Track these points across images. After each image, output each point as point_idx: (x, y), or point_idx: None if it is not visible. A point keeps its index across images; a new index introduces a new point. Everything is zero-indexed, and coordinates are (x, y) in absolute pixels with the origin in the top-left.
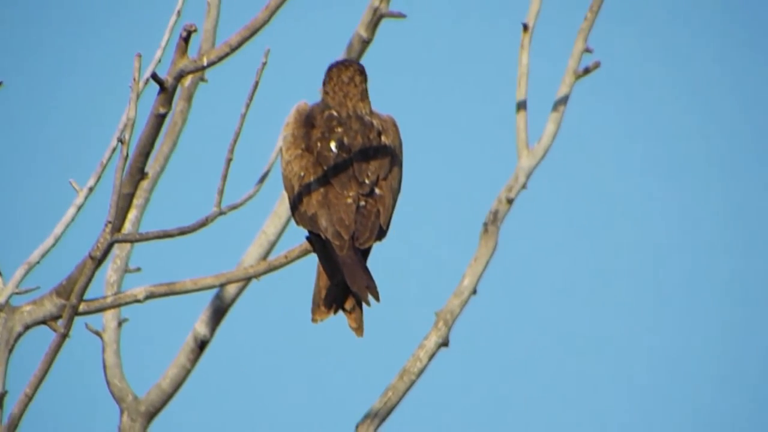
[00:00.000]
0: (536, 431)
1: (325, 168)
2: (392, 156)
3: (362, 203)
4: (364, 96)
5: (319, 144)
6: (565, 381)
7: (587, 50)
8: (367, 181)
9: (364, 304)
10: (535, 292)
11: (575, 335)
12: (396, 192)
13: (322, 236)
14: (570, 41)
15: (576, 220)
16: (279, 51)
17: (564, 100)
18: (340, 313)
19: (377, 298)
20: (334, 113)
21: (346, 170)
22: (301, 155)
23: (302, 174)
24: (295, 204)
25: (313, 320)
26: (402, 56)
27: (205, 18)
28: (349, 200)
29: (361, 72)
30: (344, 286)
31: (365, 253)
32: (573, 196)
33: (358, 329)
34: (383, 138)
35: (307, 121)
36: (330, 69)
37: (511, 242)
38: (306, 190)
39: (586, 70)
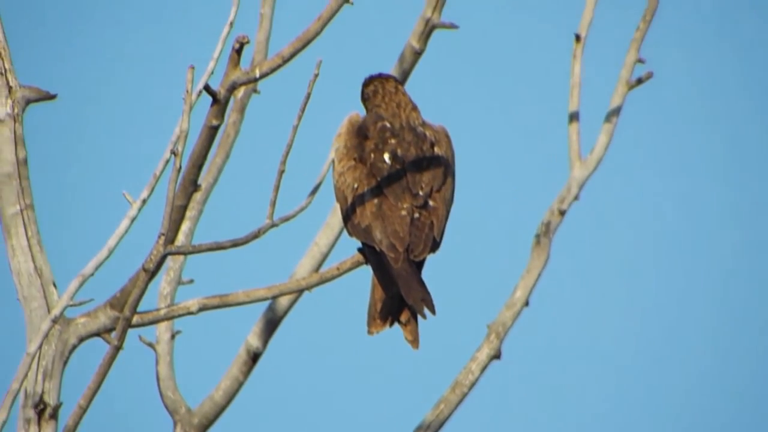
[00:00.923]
0: None
1: (379, 179)
2: (445, 167)
3: (416, 215)
4: (414, 106)
5: (372, 155)
6: (620, 393)
7: (640, 60)
8: (420, 193)
9: (419, 317)
10: (588, 304)
11: (629, 347)
12: (449, 204)
13: (377, 248)
14: (622, 51)
15: (628, 231)
16: (331, 62)
17: (617, 111)
18: (396, 325)
19: (433, 311)
20: (387, 124)
21: (400, 182)
22: (354, 166)
23: (356, 185)
24: (348, 215)
25: (369, 332)
26: (454, 67)
27: (258, 29)
28: (404, 212)
29: (401, 83)
30: (400, 299)
31: (419, 265)
32: (625, 207)
33: (414, 342)
34: (436, 149)
35: (360, 132)
36: (369, 83)
37: (563, 254)
38: (360, 201)
39: (639, 81)
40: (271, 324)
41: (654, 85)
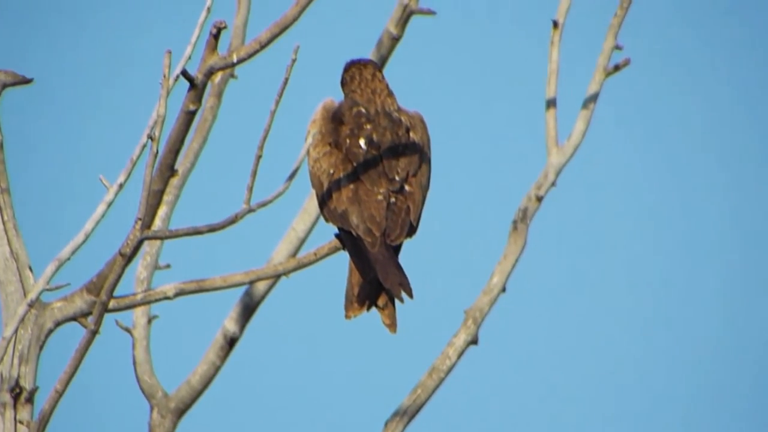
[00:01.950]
0: (565, 430)
1: (355, 164)
2: (421, 153)
3: (392, 200)
4: (390, 92)
5: (348, 140)
6: (594, 379)
7: (617, 47)
8: (397, 178)
9: (396, 301)
10: (564, 290)
11: (604, 334)
12: (425, 189)
13: (353, 233)
14: (600, 38)
15: (605, 217)
16: (308, 48)
17: (594, 98)
18: (373, 309)
19: (410, 295)
20: (363, 110)
21: (376, 167)
22: (329, 152)
23: (331, 171)
24: (324, 201)
25: (347, 317)
26: (431, 53)
27: (235, 15)
28: (380, 197)
29: (380, 69)
30: (377, 283)
31: (396, 249)
32: (602, 193)
33: (392, 326)
34: (412, 135)
35: (335, 117)
36: (348, 68)
37: (540, 240)
38: (336, 186)
39: (616, 68)
40: (248, 309)
41: (631, 71)
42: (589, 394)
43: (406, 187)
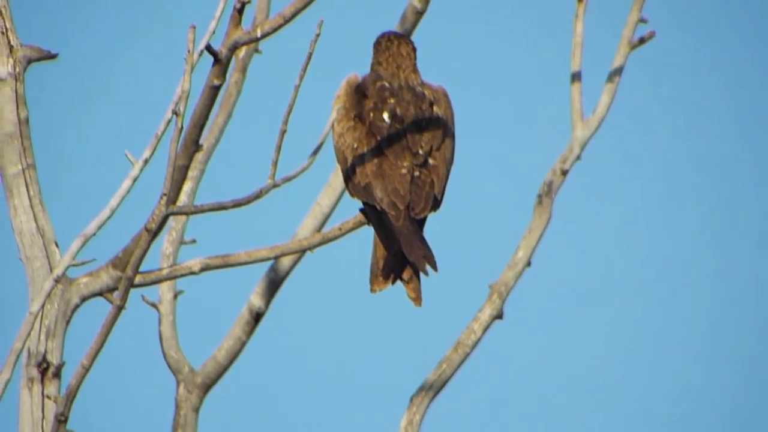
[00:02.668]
0: (590, 405)
1: (379, 138)
2: (445, 127)
3: (416, 173)
4: (415, 68)
5: (371, 114)
6: (621, 354)
7: (642, 20)
8: (420, 152)
9: (421, 274)
10: (590, 264)
11: (630, 307)
12: (449, 162)
13: (377, 207)
14: (625, 11)
15: (630, 191)
16: (332, 22)
17: (619, 71)
18: (398, 283)
19: (435, 268)
20: (386, 84)
21: (400, 141)
22: (353, 127)
23: (355, 145)
24: (349, 175)
25: (372, 290)
26: (455, 27)
27: None
28: (404, 170)
29: (412, 45)
30: (401, 257)
31: (420, 223)
32: (627, 167)
33: (417, 299)
34: (435, 109)
35: (359, 91)
36: (380, 41)
37: (565, 214)
38: (359, 161)
39: (641, 41)
40: (274, 284)
41: (656, 44)
42: (614, 368)
43: (430, 161)
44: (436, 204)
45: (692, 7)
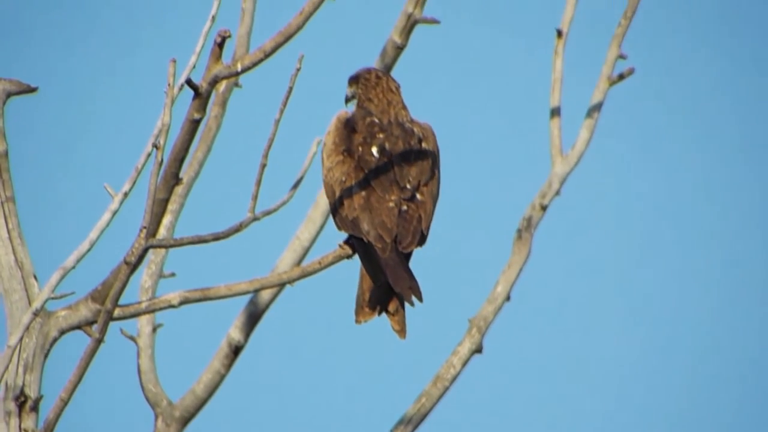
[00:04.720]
0: None
1: (367, 172)
2: (432, 162)
3: (404, 208)
4: (404, 105)
5: (360, 148)
6: (598, 389)
7: (621, 56)
8: (408, 186)
9: (407, 306)
10: (569, 298)
11: (608, 343)
12: (436, 199)
13: (364, 239)
14: (604, 48)
15: (609, 226)
16: (313, 57)
17: (598, 107)
18: (382, 316)
19: (420, 299)
20: (376, 120)
21: (388, 175)
22: (342, 161)
23: (344, 179)
24: (336, 208)
25: (357, 321)
26: (436, 62)
27: (240, 24)
28: (391, 204)
29: (396, 82)
30: (387, 288)
31: (407, 257)
32: (606, 202)
33: (401, 331)
34: (424, 145)
35: (348, 126)
36: (368, 77)
37: (544, 249)
38: (347, 194)
39: (620, 77)
40: (253, 317)
41: (635, 81)
42: (593, 403)
43: (418, 196)
44: (422, 239)
45: (671, 43)
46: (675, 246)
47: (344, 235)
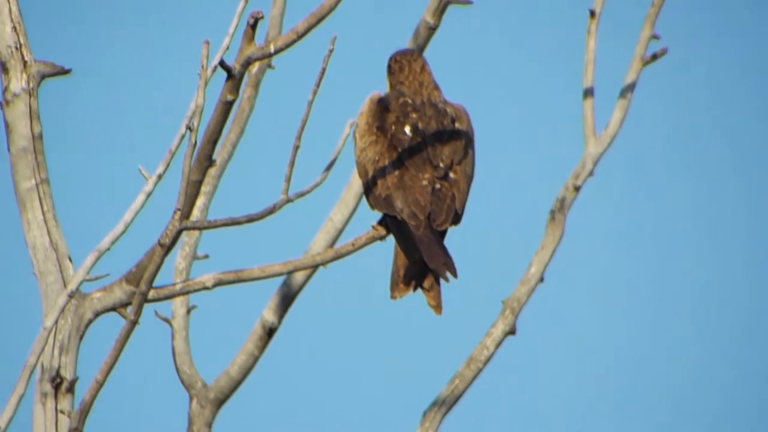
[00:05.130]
0: (602, 419)
1: (400, 151)
2: (466, 142)
3: (437, 186)
4: (436, 85)
5: (393, 127)
6: (633, 369)
7: (654, 36)
8: (441, 165)
9: (442, 282)
10: (602, 280)
11: (642, 323)
12: (470, 178)
13: (398, 217)
14: (637, 27)
15: (643, 207)
16: (345, 38)
17: (631, 87)
18: (418, 291)
19: (455, 275)
20: (409, 100)
21: (421, 153)
22: (375, 140)
23: (376, 158)
24: (370, 187)
25: (392, 297)
26: (468, 43)
27: (272, 5)
28: (425, 182)
29: (424, 59)
30: (422, 265)
31: (441, 236)
32: (640, 183)
33: (437, 307)
34: (457, 124)
35: (381, 105)
36: (398, 59)
37: (578, 229)
38: (380, 173)
39: (654, 57)
40: (286, 299)
41: (669, 60)
42: (626, 384)
43: (451, 175)
44: (456, 218)
45: (705, 23)
46: (710, 226)
47: (377, 215)
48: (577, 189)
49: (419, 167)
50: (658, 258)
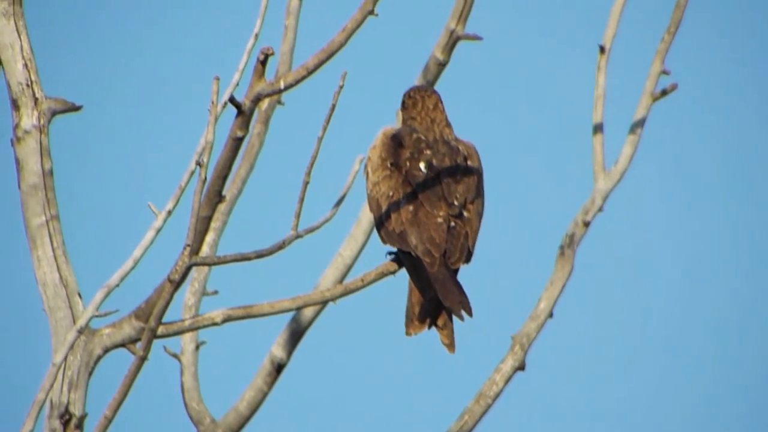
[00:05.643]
0: None
1: (414, 187)
2: (478, 180)
3: (452, 224)
4: (448, 123)
5: (408, 163)
6: (643, 406)
7: (664, 72)
8: (456, 203)
9: (456, 320)
10: (612, 315)
11: (654, 359)
12: (481, 217)
13: (412, 254)
14: (647, 63)
15: (652, 243)
16: (355, 74)
17: (641, 123)
18: (432, 328)
19: (470, 314)
20: (422, 136)
21: (435, 190)
22: (389, 176)
23: (390, 193)
24: (383, 222)
25: (407, 334)
26: (478, 79)
27: (282, 41)
28: (440, 219)
29: (441, 99)
30: (436, 302)
31: (454, 273)
32: (649, 219)
33: (450, 345)
34: (469, 163)
35: (395, 140)
36: (412, 95)
37: (587, 265)
38: (395, 207)
39: (664, 92)
40: (296, 335)
41: (679, 96)
42: (637, 421)
43: (465, 213)
44: (468, 256)
45: (715, 59)
46: (721, 261)
47: (388, 249)
48: (586, 225)
49: (434, 204)
50: (668, 293)
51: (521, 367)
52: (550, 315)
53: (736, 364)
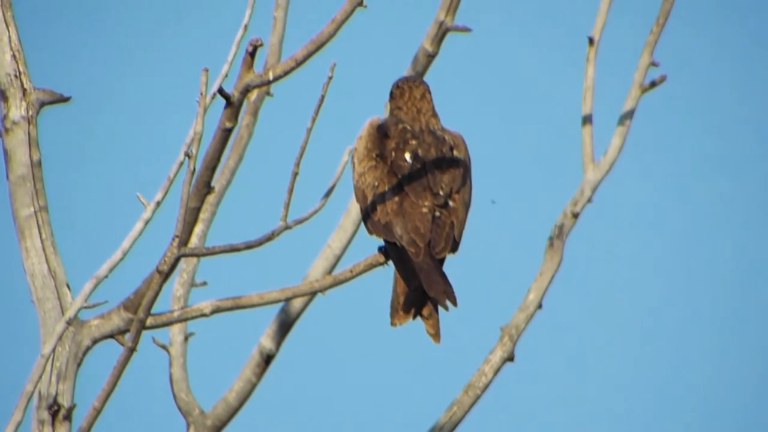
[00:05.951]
0: None
1: (400, 177)
2: (464, 170)
3: (437, 214)
4: (435, 113)
5: (393, 153)
6: (631, 396)
7: (653, 64)
8: (441, 193)
9: (441, 310)
10: (600, 306)
11: (641, 349)
12: (468, 206)
13: (397, 244)
14: (636, 55)
15: (641, 233)
16: (344, 65)
17: (630, 114)
18: (417, 319)
19: (455, 303)
20: (408, 127)
21: (421, 180)
22: (375, 166)
23: (376, 184)
24: (368, 213)
25: (392, 324)
26: (467, 70)
27: (271, 32)
28: (425, 209)
29: (426, 86)
30: (421, 292)
31: (440, 263)
32: (638, 210)
33: (436, 335)
34: (455, 152)
35: (381, 131)
36: (399, 85)
37: (576, 256)
38: (380, 199)
39: (652, 84)
40: (284, 326)
41: (667, 87)
42: (626, 410)
43: (450, 203)
44: (455, 246)
45: (703, 50)
46: (709, 252)
47: (378, 242)
48: (575, 216)
49: (419, 194)
50: (656, 284)
51: (510, 358)
52: (539, 306)
53: (725, 353)
